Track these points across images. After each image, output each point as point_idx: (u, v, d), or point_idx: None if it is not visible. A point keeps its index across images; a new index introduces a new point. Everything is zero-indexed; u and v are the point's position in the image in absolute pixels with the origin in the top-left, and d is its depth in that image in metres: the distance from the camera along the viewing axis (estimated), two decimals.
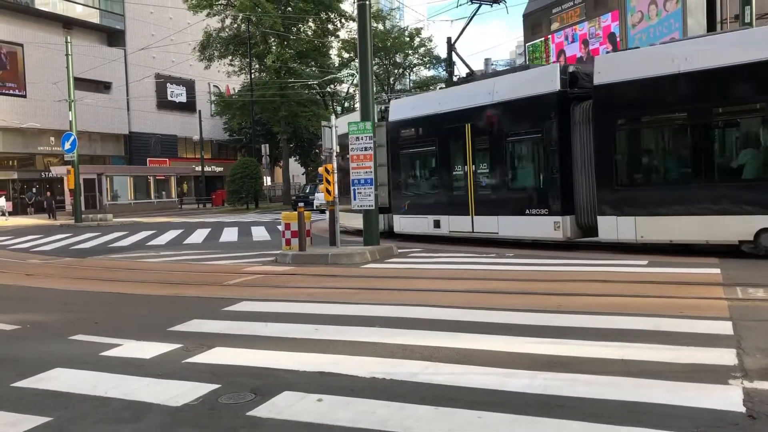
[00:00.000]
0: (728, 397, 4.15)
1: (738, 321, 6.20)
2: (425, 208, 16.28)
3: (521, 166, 14.51)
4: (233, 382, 4.95)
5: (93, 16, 50.29)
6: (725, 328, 5.97)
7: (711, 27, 20.03)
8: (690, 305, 7.14)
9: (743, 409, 3.94)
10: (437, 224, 15.85)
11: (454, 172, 15.45)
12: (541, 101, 13.21)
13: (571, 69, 13.25)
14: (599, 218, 12.37)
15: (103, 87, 49.41)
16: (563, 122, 12.99)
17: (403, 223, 16.98)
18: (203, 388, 4.81)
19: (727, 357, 5.03)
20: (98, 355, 6.00)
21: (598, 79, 12.18)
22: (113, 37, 51.59)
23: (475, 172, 14.84)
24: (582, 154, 12.87)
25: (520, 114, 13.81)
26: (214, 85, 55.00)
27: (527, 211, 13.58)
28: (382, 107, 17.98)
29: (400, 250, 14.06)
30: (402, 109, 17.33)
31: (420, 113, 16.48)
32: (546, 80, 13.19)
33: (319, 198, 31.97)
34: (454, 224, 15.40)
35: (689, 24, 20.36)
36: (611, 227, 12.17)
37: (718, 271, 9.49)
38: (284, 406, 4.40)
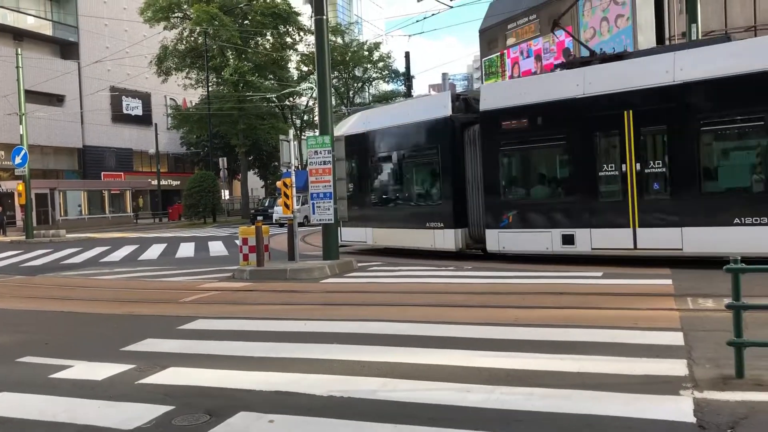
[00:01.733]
0: (679, 408, 4.23)
1: (689, 332, 6.34)
2: (545, 220, 12.96)
3: (729, 162, 11.46)
4: (188, 403, 4.85)
5: (45, 28, 49.16)
6: (677, 339, 6.10)
7: (660, 43, 20.61)
8: (643, 316, 7.28)
9: (694, 420, 4.02)
10: (568, 240, 12.50)
11: (602, 173, 12.22)
12: None
13: None
14: None
15: (56, 100, 48.30)
16: None
17: (504, 240, 13.44)
18: (156, 410, 4.70)
19: (678, 368, 5.14)
20: (47, 378, 5.82)
21: None
22: (66, 49, 50.54)
23: (640, 172, 11.72)
24: None
25: (728, 96, 10.89)
26: (170, 98, 54.30)
27: (738, 221, 10.64)
28: (455, 93, 14.80)
29: (359, 264, 14.03)
30: (502, 94, 13.91)
31: (537, 99, 12.94)
32: None
33: (278, 212, 31.75)
34: (600, 239, 12.14)
35: (639, 40, 20.93)
36: None
37: (670, 282, 9.71)
38: (240, 427, 4.32)
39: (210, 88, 43.28)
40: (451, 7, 22.75)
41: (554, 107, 12.73)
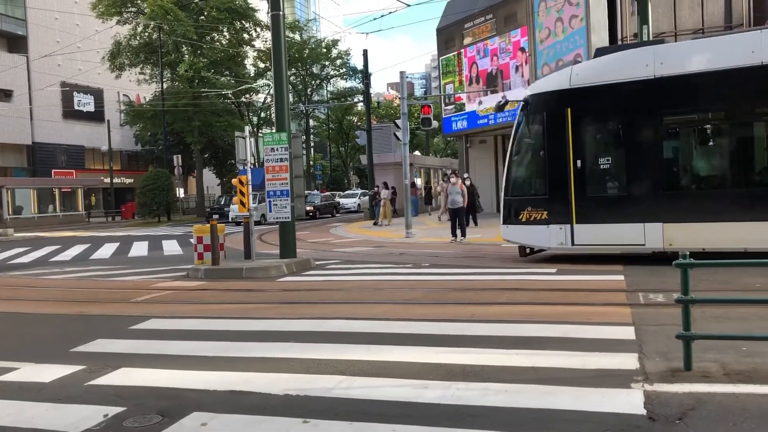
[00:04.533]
0: (630, 401, 4.32)
1: (640, 326, 6.48)
2: None
3: None
4: (139, 404, 4.75)
5: None
6: (628, 333, 6.23)
7: (612, 44, 21.01)
8: (596, 312, 7.41)
9: (644, 412, 4.11)
10: None
11: None
12: None
13: None
14: None
15: (3, 95, 46.85)
16: None
17: None
18: (107, 412, 4.58)
19: (629, 362, 5.24)
20: None
21: None
22: (14, 42, 49.00)
23: None
24: None
25: None
26: (124, 94, 53.16)
27: None
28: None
29: (317, 262, 13.95)
30: None
31: None
32: None
33: (234, 210, 31.36)
34: None
35: (593, 41, 21.29)
36: None
37: (622, 277, 9.89)
38: (193, 427, 4.25)
39: (164, 85, 42.51)
40: (409, 5, 22.79)
41: None
